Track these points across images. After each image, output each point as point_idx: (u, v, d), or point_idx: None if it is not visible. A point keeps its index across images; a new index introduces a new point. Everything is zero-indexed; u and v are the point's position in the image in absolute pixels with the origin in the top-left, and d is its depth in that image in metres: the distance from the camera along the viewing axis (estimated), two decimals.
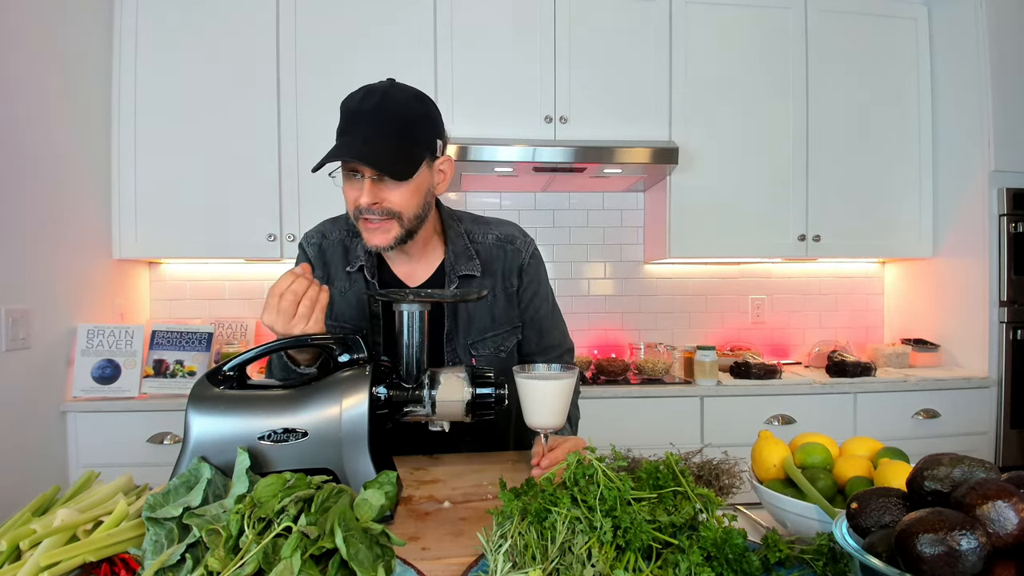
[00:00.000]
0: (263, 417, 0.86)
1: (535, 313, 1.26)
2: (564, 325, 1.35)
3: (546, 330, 1.29)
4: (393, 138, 1.01)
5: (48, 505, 0.77)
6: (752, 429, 2.12)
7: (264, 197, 2.39)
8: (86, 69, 2.22)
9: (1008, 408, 2.42)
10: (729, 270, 2.94)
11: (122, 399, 2.09)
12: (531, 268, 1.24)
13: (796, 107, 2.60)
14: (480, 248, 1.21)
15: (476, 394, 0.95)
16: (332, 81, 2.40)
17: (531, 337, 1.28)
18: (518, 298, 1.24)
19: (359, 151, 0.99)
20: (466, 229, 1.22)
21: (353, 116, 1.02)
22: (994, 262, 2.44)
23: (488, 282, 1.20)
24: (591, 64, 2.50)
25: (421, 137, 1.05)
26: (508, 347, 1.23)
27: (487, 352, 1.21)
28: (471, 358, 1.19)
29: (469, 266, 1.18)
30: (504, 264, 1.22)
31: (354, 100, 1.03)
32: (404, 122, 1.02)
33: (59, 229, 2.05)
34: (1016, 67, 2.45)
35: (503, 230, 1.25)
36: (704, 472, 0.87)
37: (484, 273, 1.20)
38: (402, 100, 1.03)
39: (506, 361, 1.22)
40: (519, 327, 1.25)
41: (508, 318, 1.23)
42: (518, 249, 1.23)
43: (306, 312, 0.97)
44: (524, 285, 1.24)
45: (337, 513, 0.64)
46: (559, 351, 1.31)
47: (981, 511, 0.51)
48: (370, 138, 1.00)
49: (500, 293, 1.21)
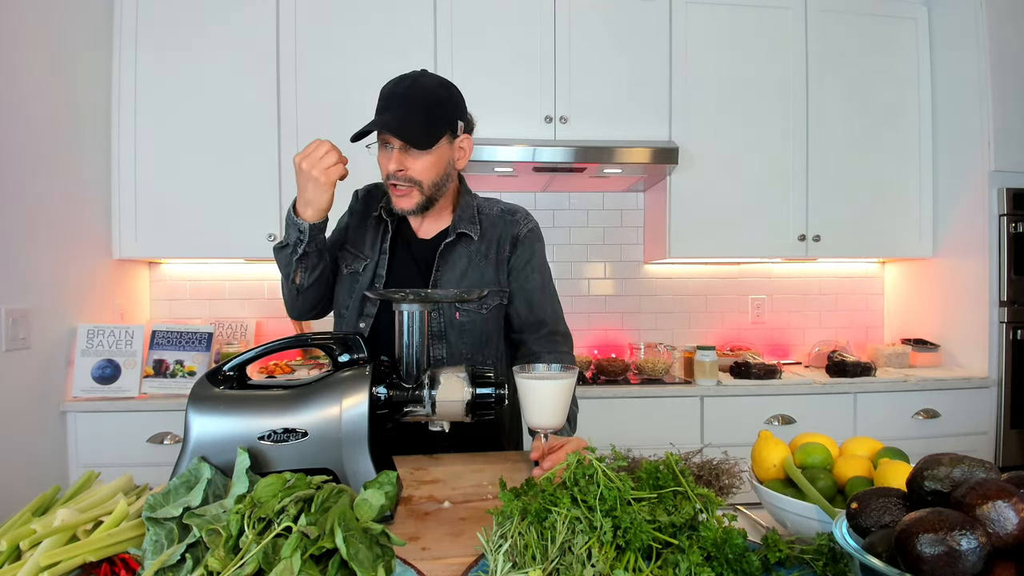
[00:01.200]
0: (263, 417, 0.86)
1: (524, 282, 1.31)
2: (559, 307, 1.36)
3: (536, 304, 1.32)
4: (420, 115, 1.16)
5: (48, 505, 0.77)
6: (752, 429, 2.12)
7: (264, 197, 2.39)
8: (86, 69, 2.22)
9: (1008, 408, 2.42)
10: (729, 270, 2.94)
11: (122, 399, 2.09)
12: (526, 240, 1.33)
13: (796, 107, 2.60)
14: (484, 218, 1.34)
15: (476, 394, 0.95)
16: (332, 81, 2.40)
17: (520, 309, 1.32)
18: (508, 266, 1.32)
19: (388, 124, 1.15)
20: (477, 204, 1.36)
21: (387, 97, 1.18)
22: (994, 262, 2.44)
23: (483, 247, 1.30)
24: (591, 64, 2.50)
25: (443, 116, 1.20)
26: (490, 305, 1.30)
27: (471, 307, 1.28)
28: (455, 311, 1.27)
29: (470, 228, 1.30)
30: (502, 231, 1.33)
31: (392, 82, 1.19)
32: (429, 103, 1.17)
33: (59, 229, 2.05)
34: (1016, 67, 2.45)
35: (509, 206, 1.38)
36: (704, 472, 0.87)
37: (481, 237, 1.31)
38: (429, 86, 1.19)
39: (488, 320, 1.30)
40: (505, 292, 1.31)
41: (495, 280, 1.31)
42: (517, 221, 1.35)
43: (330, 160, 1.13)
44: (516, 254, 1.32)
45: (337, 513, 0.64)
46: (549, 329, 1.31)
47: (981, 511, 0.51)
48: (400, 115, 1.16)
49: (492, 257, 1.31)
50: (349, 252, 1.33)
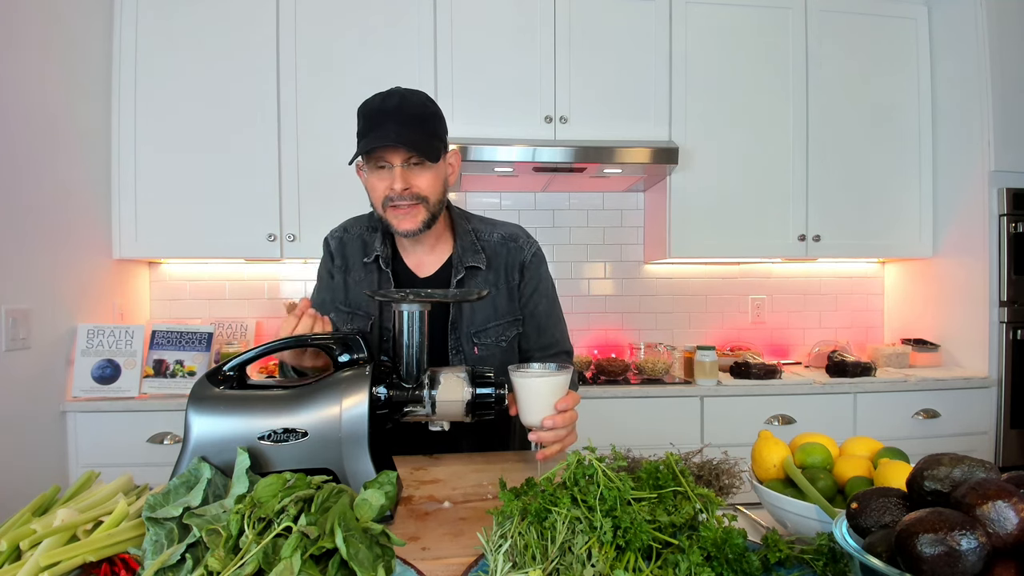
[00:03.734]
0: (263, 417, 0.86)
1: (535, 308, 1.31)
2: (564, 327, 1.37)
3: (544, 327, 1.32)
4: (418, 130, 1.13)
5: (48, 505, 0.77)
6: (752, 429, 2.12)
7: (264, 197, 2.39)
8: (86, 69, 2.22)
9: (1008, 408, 2.42)
10: (729, 270, 2.94)
11: (122, 399, 2.09)
12: (532, 265, 1.31)
13: (796, 107, 2.60)
14: (486, 245, 1.30)
15: (476, 394, 0.95)
16: (332, 81, 2.40)
17: (530, 333, 1.32)
18: (519, 292, 1.30)
19: (400, 137, 1.10)
20: (474, 227, 1.32)
21: (377, 114, 1.13)
22: (994, 262, 2.44)
23: (491, 276, 1.28)
24: (591, 64, 2.50)
25: (438, 130, 1.18)
26: (509, 337, 1.29)
27: (489, 341, 1.26)
28: (474, 346, 1.25)
29: (476, 259, 1.26)
30: (507, 260, 1.29)
31: (376, 101, 1.14)
32: (424, 117, 1.15)
33: (59, 229, 2.05)
34: (1016, 67, 2.45)
35: (508, 230, 1.34)
36: (704, 472, 0.87)
37: (489, 267, 1.28)
38: (416, 101, 1.15)
39: (507, 351, 1.28)
40: (520, 320, 1.31)
41: (510, 310, 1.29)
42: (520, 247, 1.31)
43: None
44: (525, 281, 1.30)
45: (337, 513, 0.64)
46: (555, 350, 1.33)
47: (981, 511, 0.51)
48: (399, 130, 1.11)
49: (503, 287, 1.28)
50: (344, 312, 1.26)
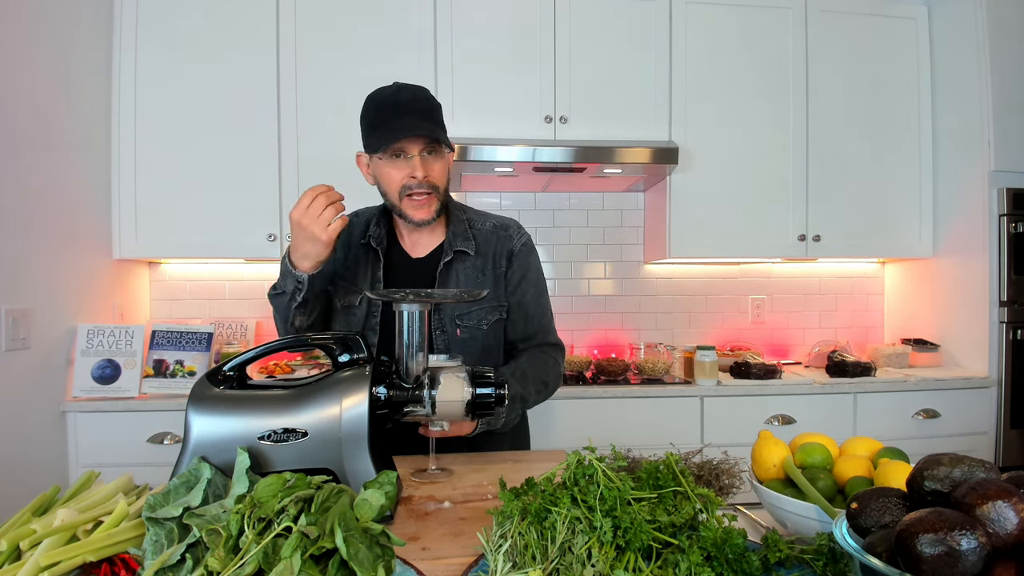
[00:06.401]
0: (263, 417, 0.86)
1: (522, 297, 1.33)
2: (551, 320, 1.38)
3: (531, 317, 1.34)
4: (432, 121, 1.18)
5: (48, 505, 0.77)
6: (752, 429, 2.12)
7: (264, 197, 2.39)
8: (86, 69, 2.21)
9: (1008, 408, 2.42)
10: (729, 270, 2.94)
11: (122, 399, 2.09)
12: (521, 255, 1.34)
13: (796, 107, 2.60)
14: (477, 233, 1.34)
15: (476, 394, 0.95)
16: (332, 80, 2.40)
17: (516, 322, 1.34)
18: (505, 280, 1.33)
19: (423, 128, 1.15)
20: (468, 217, 1.36)
21: (392, 106, 1.16)
22: (994, 262, 2.44)
23: (479, 262, 1.31)
24: (591, 64, 2.50)
25: (443, 121, 1.23)
26: (490, 321, 1.31)
27: (471, 324, 1.29)
28: (456, 328, 1.27)
29: (465, 245, 1.30)
30: (496, 247, 1.33)
31: (388, 93, 1.18)
32: (432, 110, 1.20)
33: (59, 229, 2.05)
34: (1016, 67, 2.45)
35: (501, 220, 1.38)
36: (704, 472, 0.87)
37: (477, 253, 1.31)
38: (424, 95, 1.20)
39: (488, 334, 1.31)
40: (504, 307, 1.33)
41: (494, 295, 1.32)
42: (510, 236, 1.35)
43: (329, 216, 1.10)
44: (513, 269, 1.33)
45: (337, 513, 0.64)
46: (539, 340, 1.35)
47: (981, 511, 0.51)
48: (420, 122, 1.16)
49: (489, 272, 1.32)
50: (340, 285, 1.30)
